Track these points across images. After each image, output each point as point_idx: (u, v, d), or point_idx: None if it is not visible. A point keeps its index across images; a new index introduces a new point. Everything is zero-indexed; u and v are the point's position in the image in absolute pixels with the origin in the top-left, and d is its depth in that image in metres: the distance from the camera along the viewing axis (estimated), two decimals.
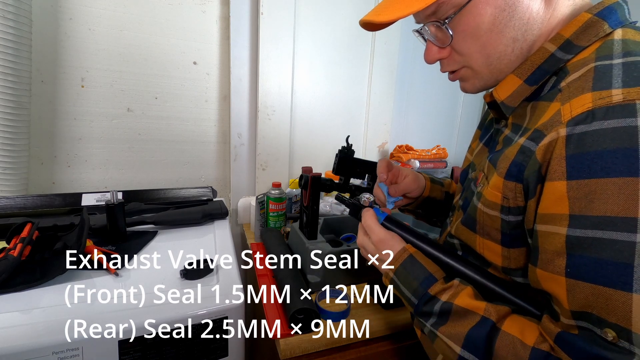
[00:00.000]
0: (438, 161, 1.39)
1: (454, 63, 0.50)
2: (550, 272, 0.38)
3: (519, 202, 0.42)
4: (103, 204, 0.85)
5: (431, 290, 0.47)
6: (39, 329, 0.49)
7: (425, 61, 0.52)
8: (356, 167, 0.80)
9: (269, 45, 1.13)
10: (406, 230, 0.55)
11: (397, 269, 0.52)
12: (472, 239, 0.51)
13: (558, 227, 0.36)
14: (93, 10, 0.97)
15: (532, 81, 0.44)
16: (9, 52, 0.79)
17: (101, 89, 1.02)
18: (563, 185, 0.36)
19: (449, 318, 0.44)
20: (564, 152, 0.36)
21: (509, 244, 0.45)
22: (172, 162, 1.16)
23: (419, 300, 0.47)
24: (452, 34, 0.46)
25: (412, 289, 0.49)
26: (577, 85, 0.38)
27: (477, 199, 0.48)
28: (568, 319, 0.36)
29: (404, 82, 1.44)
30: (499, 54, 0.45)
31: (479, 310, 0.42)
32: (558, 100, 0.40)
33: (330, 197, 1.20)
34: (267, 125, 1.18)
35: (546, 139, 0.38)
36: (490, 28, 0.44)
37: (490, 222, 0.46)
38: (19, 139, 0.86)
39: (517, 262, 0.45)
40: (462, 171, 0.64)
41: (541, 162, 0.38)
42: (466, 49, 0.47)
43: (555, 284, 0.37)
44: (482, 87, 0.50)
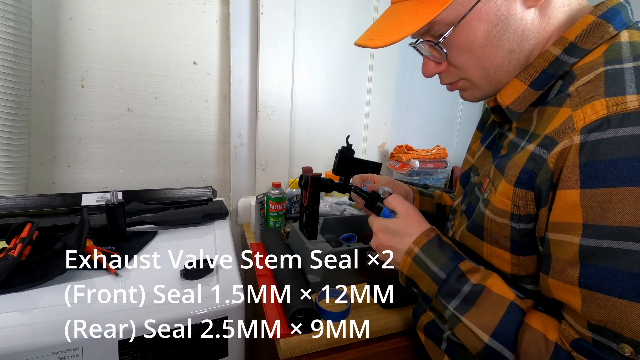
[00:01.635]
0: (438, 161, 1.39)
1: (452, 76, 0.50)
2: (563, 281, 0.37)
3: (529, 210, 0.41)
4: (103, 204, 0.85)
5: (462, 266, 0.45)
6: (39, 329, 0.49)
7: (423, 75, 0.51)
8: (356, 167, 0.80)
9: (269, 45, 1.13)
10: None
11: (425, 244, 0.49)
12: (479, 246, 0.50)
13: (571, 236, 0.36)
14: (93, 10, 0.97)
15: (538, 85, 0.44)
16: (9, 52, 0.79)
17: (101, 89, 1.02)
18: (576, 194, 0.35)
19: (475, 302, 0.43)
20: (578, 160, 0.35)
21: (518, 251, 0.44)
22: (172, 162, 1.16)
23: (449, 274, 0.45)
24: (447, 51, 0.46)
25: (441, 263, 0.46)
26: (588, 90, 0.37)
27: (485, 206, 0.47)
28: (583, 329, 0.36)
29: (404, 82, 1.44)
30: (496, 66, 0.45)
31: (509, 296, 0.42)
32: (568, 105, 0.39)
33: (331, 197, 1.20)
34: (267, 125, 1.18)
35: (559, 147, 0.37)
36: (484, 43, 0.43)
37: (499, 229, 0.45)
38: (19, 139, 0.86)
39: (526, 270, 0.44)
40: (462, 173, 0.63)
41: (553, 170, 0.37)
42: (462, 63, 0.47)
43: (569, 294, 0.37)
44: (481, 96, 0.50)
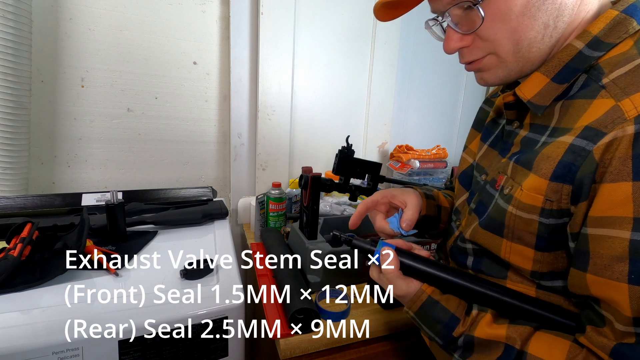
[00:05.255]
0: (438, 161, 1.39)
1: (478, 51, 0.46)
2: (608, 278, 0.35)
3: (562, 205, 0.40)
4: (103, 204, 0.85)
5: (455, 333, 0.46)
6: (39, 329, 0.49)
7: (445, 51, 0.48)
8: (356, 167, 0.80)
9: (269, 45, 1.13)
10: (422, 261, 0.51)
11: (417, 311, 0.49)
12: (496, 244, 0.48)
13: (619, 230, 0.34)
14: (93, 10, 0.97)
15: (560, 79, 0.42)
16: (9, 52, 0.79)
17: (101, 89, 1.02)
18: (628, 187, 0.33)
19: (473, 350, 0.44)
20: (631, 151, 0.33)
21: (544, 247, 0.43)
22: (172, 162, 1.16)
23: (444, 342, 0.47)
24: (484, 16, 0.42)
25: (436, 331, 0.48)
26: (630, 81, 0.36)
27: (507, 202, 0.46)
28: (626, 326, 0.35)
29: (404, 82, 1.44)
30: (530, 40, 0.43)
31: (500, 339, 0.42)
32: (606, 97, 0.37)
33: (331, 197, 1.20)
34: (267, 125, 1.18)
35: (607, 137, 0.35)
36: (522, 11, 0.41)
37: (524, 225, 0.44)
38: (19, 139, 0.86)
39: (549, 266, 0.43)
40: (461, 173, 0.62)
41: (598, 162, 0.36)
42: (493, 35, 0.43)
43: (614, 290, 0.35)
44: (504, 77, 0.47)
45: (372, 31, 1.30)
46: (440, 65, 1.48)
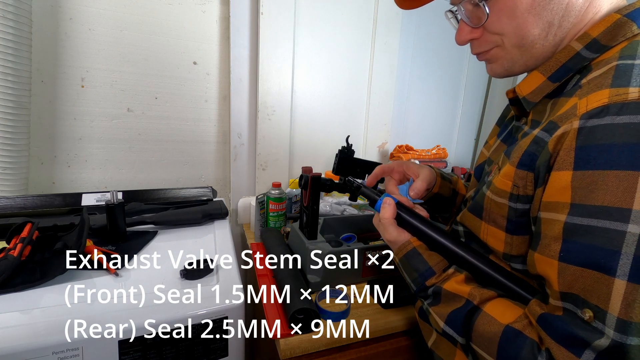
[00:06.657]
0: (438, 161, 1.39)
1: (486, 43, 0.50)
2: (546, 255, 0.39)
3: (528, 191, 0.43)
4: (103, 204, 0.85)
5: (428, 283, 0.52)
6: (39, 329, 0.49)
7: (457, 42, 0.52)
8: (356, 167, 0.80)
9: (269, 45, 1.13)
10: (417, 217, 0.57)
11: (401, 258, 0.56)
12: (477, 225, 0.52)
13: (559, 214, 0.38)
14: (93, 10, 0.97)
15: (556, 78, 0.45)
16: (9, 52, 0.79)
17: (101, 89, 1.02)
18: (569, 175, 0.37)
19: (440, 300, 0.49)
20: (574, 143, 0.37)
21: (513, 231, 0.47)
22: (172, 162, 1.16)
23: (417, 288, 0.54)
24: (489, 12, 0.46)
25: (412, 278, 0.54)
26: (597, 82, 0.39)
27: (487, 187, 0.50)
28: (556, 300, 0.38)
29: (404, 82, 1.44)
30: (533, 37, 0.45)
31: (463, 294, 0.47)
32: (576, 95, 0.40)
33: (331, 197, 1.20)
34: (267, 125, 1.18)
35: (559, 131, 0.39)
36: (528, 9, 0.43)
37: (497, 209, 0.48)
38: (19, 139, 0.86)
39: (518, 249, 0.47)
40: (477, 166, 0.64)
41: (552, 153, 0.39)
42: (500, 29, 0.46)
43: (549, 267, 0.39)
44: (509, 68, 0.50)
45: (372, 31, 1.30)
46: (441, 65, 1.49)
